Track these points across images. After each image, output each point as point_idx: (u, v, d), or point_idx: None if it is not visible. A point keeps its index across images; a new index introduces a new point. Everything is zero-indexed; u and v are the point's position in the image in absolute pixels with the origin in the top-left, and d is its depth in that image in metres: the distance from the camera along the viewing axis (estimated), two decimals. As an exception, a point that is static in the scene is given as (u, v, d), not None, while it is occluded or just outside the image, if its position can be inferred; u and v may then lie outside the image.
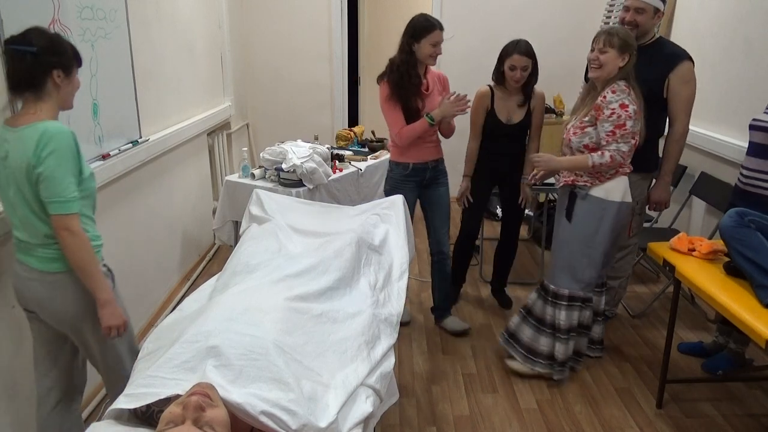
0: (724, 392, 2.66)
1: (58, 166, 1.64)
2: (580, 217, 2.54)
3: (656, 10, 2.70)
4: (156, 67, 3.21)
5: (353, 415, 1.49)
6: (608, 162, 2.40)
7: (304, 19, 5.17)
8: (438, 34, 2.76)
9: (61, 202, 1.66)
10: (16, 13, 1.96)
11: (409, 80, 2.78)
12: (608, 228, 2.50)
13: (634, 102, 2.39)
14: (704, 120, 3.46)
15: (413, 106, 2.82)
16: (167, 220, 3.41)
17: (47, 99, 1.71)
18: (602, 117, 2.40)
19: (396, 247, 2.33)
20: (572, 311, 2.61)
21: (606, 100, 2.39)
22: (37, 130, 1.64)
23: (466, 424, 2.46)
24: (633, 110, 2.37)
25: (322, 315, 1.73)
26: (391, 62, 2.86)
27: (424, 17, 2.80)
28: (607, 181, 2.48)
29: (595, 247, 2.53)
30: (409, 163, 2.94)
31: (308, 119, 5.39)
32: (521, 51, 2.86)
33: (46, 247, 1.74)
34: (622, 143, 2.39)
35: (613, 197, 2.47)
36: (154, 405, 1.32)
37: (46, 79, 1.69)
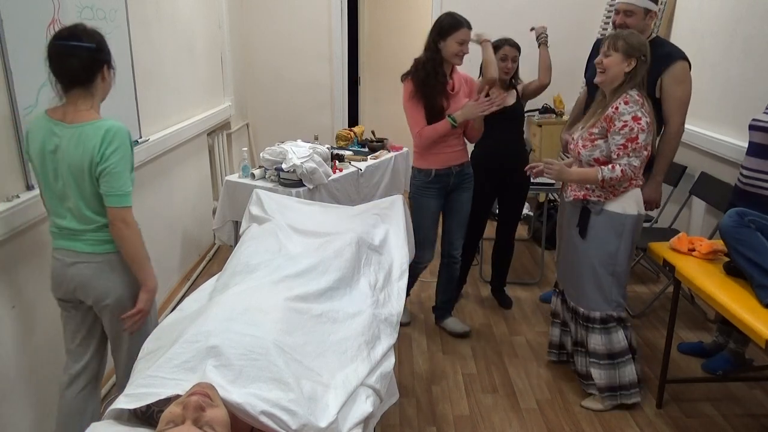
0: (724, 392, 2.66)
1: (120, 162, 1.77)
2: (598, 234, 2.40)
3: (647, 11, 2.71)
4: (156, 67, 3.21)
5: (353, 415, 1.49)
6: (619, 176, 2.29)
7: (304, 19, 5.17)
8: (465, 32, 2.69)
9: (120, 196, 1.79)
10: (16, 13, 1.96)
11: (435, 78, 2.72)
12: (629, 242, 2.40)
13: (648, 114, 2.29)
14: (704, 120, 3.46)
15: (437, 105, 2.75)
16: (167, 220, 3.41)
17: (96, 94, 1.81)
18: (613, 129, 2.29)
19: (396, 247, 2.33)
20: (610, 333, 2.45)
21: (618, 111, 2.28)
22: (100, 128, 1.75)
23: (466, 424, 2.46)
24: (646, 123, 2.26)
25: (322, 315, 1.73)
26: (417, 61, 2.80)
27: (450, 15, 2.74)
28: (621, 195, 2.36)
29: (619, 263, 2.41)
30: (432, 170, 2.86)
31: (308, 119, 5.39)
32: (511, 44, 3.10)
33: (95, 232, 1.85)
34: (634, 157, 2.27)
35: (630, 210, 2.37)
36: (154, 405, 1.32)
37: (96, 75, 1.79)
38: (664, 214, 3.67)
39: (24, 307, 2.08)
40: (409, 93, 2.77)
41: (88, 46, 1.75)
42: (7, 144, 1.97)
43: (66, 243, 1.87)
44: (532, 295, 3.62)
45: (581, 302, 2.50)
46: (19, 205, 1.97)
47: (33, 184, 2.07)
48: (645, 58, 2.30)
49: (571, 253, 2.53)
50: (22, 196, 2.01)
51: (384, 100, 6.58)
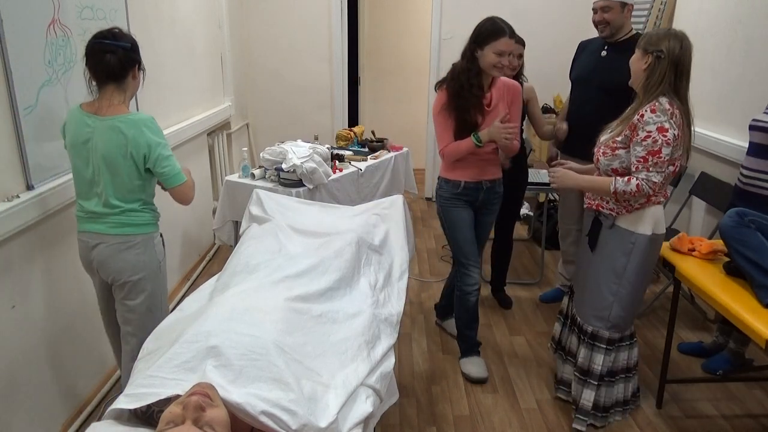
0: (724, 392, 2.66)
1: (165, 147, 2.00)
2: (605, 248, 2.27)
3: (623, 4, 2.81)
4: (156, 68, 3.21)
5: (353, 415, 1.49)
6: (633, 191, 2.08)
7: (304, 20, 5.17)
8: (505, 42, 2.38)
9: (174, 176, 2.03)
10: (16, 13, 1.96)
11: (469, 90, 2.45)
12: (637, 263, 2.20)
13: (677, 126, 2.06)
14: (704, 120, 3.46)
15: (471, 120, 2.49)
16: (167, 220, 3.40)
17: (126, 90, 2.01)
18: (636, 139, 2.07)
19: (396, 247, 2.33)
20: (593, 351, 2.33)
21: (643, 119, 2.05)
22: (134, 122, 1.95)
23: (466, 424, 2.46)
24: (673, 135, 2.03)
25: (322, 315, 1.73)
26: (453, 68, 2.54)
27: (491, 21, 2.44)
28: (635, 211, 2.17)
29: (623, 284, 2.23)
30: (461, 181, 2.62)
31: (308, 119, 5.39)
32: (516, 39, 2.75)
33: (117, 216, 2.03)
34: (654, 172, 2.05)
35: (643, 229, 2.17)
36: (154, 405, 1.32)
37: (128, 73, 1.98)
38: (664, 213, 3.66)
39: (24, 307, 2.08)
40: (441, 105, 2.52)
41: (124, 45, 1.95)
42: (8, 144, 1.97)
43: (90, 226, 2.05)
44: (532, 295, 3.62)
45: (579, 311, 2.42)
46: (19, 205, 1.97)
47: (33, 184, 2.08)
48: (662, 54, 2.03)
49: (582, 260, 2.46)
50: (22, 196, 2.01)
51: (384, 100, 6.59)
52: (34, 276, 2.14)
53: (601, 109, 2.55)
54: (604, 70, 2.89)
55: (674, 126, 2.05)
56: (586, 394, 2.35)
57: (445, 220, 2.72)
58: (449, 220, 2.69)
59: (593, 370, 2.32)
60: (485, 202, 2.70)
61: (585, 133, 2.76)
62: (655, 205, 2.19)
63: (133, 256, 2.06)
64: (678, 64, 2.05)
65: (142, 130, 1.95)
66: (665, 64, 2.04)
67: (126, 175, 1.99)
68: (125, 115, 1.96)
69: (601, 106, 2.67)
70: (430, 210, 5.35)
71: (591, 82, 2.97)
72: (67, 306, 2.34)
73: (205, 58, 4.09)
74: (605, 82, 2.86)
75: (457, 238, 2.69)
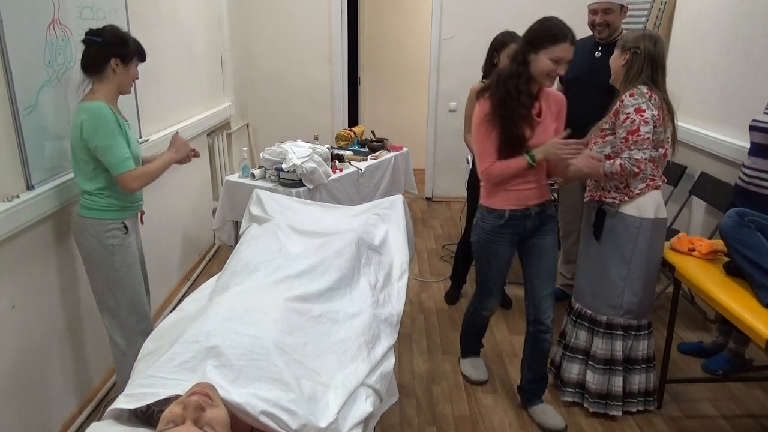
0: (724, 392, 2.66)
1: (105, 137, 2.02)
2: (611, 236, 2.34)
3: (621, 6, 2.89)
4: (156, 68, 3.21)
5: (353, 415, 1.49)
6: (618, 171, 2.23)
7: (304, 19, 5.17)
8: (565, 48, 2.06)
9: (118, 164, 2.06)
10: (16, 13, 1.96)
11: (517, 99, 2.12)
12: (645, 247, 2.30)
13: (658, 108, 2.21)
14: (704, 120, 3.46)
15: (518, 133, 2.15)
16: (167, 220, 3.41)
17: (106, 82, 2.09)
18: (618, 122, 2.25)
19: (396, 247, 2.33)
20: (613, 340, 2.40)
21: (623, 104, 2.23)
22: (84, 109, 2.02)
23: (466, 424, 2.46)
24: (651, 115, 2.18)
25: (322, 315, 1.73)
26: (499, 74, 2.22)
27: (553, 23, 2.10)
28: (637, 197, 2.28)
29: (632, 269, 2.33)
30: (505, 210, 2.28)
31: (308, 119, 5.39)
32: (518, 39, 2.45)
33: (82, 196, 2.14)
34: (636, 150, 2.20)
35: (646, 213, 2.28)
36: (154, 405, 1.32)
37: (106, 65, 2.07)
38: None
39: (24, 307, 2.08)
40: (483, 116, 2.17)
41: (95, 40, 2.04)
42: (8, 144, 1.97)
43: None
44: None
45: (590, 304, 2.46)
46: (19, 205, 1.97)
47: (33, 184, 2.08)
48: (639, 50, 2.23)
49: (586, 255, 2.49)
50: (22, 196, 2.01)
51: (384, 100, 6.59)
52: (34, 276, 2.14)
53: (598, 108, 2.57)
54: (599, 71, 2.93)
55: (652, 107, 2.20)
56: (614, 381, 2.42)
57: (479, 253, 2.43)
58: (486, 254, 2.40)
59: (615, 357, 2.40)
60: (537, 228, 2.34)
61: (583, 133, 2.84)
62: (653, 189, 2.31)
63: (88, 238, 2.14)
64: (654, 59, 2.23)
65: (85, 118, 2.01)
66: (642, 59, 2.23)
67: (81, 160, 2.08)
68: (82, 103, 2.05)
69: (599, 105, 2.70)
70: (430, 210, 5.35)
71: (587, 82, 3.01)
72: (67, 306, 2.34)
73: (205, 58, 4.09)
74: (602, 82, 2.89)
75: (487, 274, 2.46)
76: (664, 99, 2.25)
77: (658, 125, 2.21)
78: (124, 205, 2.20)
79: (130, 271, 2.23)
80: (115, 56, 2.07)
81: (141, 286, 2.30)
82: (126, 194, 2.18)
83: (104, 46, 2.05)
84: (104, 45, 2.05)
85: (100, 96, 2.07)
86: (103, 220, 2.14)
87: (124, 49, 2.09)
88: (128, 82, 2.16)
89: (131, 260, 2.23)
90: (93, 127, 2.01)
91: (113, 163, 2.05)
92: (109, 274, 2.18)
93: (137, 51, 2.16)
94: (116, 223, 2.17)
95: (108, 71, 2.08)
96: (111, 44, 2.06)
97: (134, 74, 2.18)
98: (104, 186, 2.12)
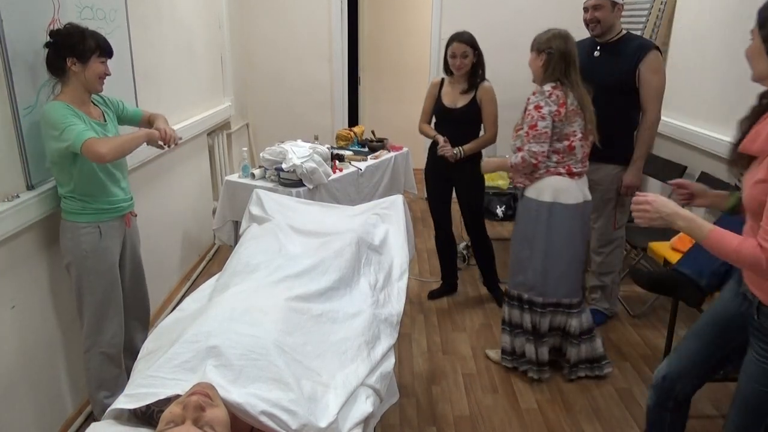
0: (724, 392, 2.66)
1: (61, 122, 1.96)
2: (519, 216, 2.66)
3: (614, 3, 2.87)
4: (156, 68, 3.21)
5: (353, 415, 1.49)
6: (519, 162, 2.49)
7: (304, 19, 5.17)
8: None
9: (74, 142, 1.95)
10: (16, 13, 1.96)
11: None
12: (544, 230, 2.51)
13: (558, 104, 2.42)
14: (704, 120, 3.46)
15: None
16: (167, 220, 3.41)
17: (68, 82, 2.04)
18: (524, 119, 2.50)
19: (396, 247, 2.33)
20: (512, 309, 2.69)
21: (528, 102, 2.49)
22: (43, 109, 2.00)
23: (466, 424, 2.46)
24: (549, 111, 2.41)
25: (322, 315, 1.73)
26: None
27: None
28: (536, 181, 2.52)
29: (534, 249, 2.54)
30: None
31: (308, 119, 5.39)
32: (461, 39, 3.00)
33: (61, 200, 2.12)
34: (534, 143, 2.44)
35: (544, 197, 2.50)
36: (154, 405, 1.32)
37: (64, 66, 2.01)
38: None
39: (24, 307, 2.08)
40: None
41: (48, 41, 2.01)
42: (8, 144, 1.97)
43: None
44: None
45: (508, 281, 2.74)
46: (19, 205, 1.97)
47: (33, 184, 2.08)
48: (552, 51, 2.44)
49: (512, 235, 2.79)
50: (22, 196, 2.01)
51: (384, 100, 6.58)
52: (34, 276, 2.14)
53: (599, 107, 2.62)
54: (599, 71, 2.95)
55: (551, 104, 2.42)
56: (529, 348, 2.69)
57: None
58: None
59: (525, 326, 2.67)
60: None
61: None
62: (553, 175, 2.51)
63: (65, 240, 2.14)
64: (566, 56, 2.46)
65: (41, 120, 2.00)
66: (557, 58, 2.45)
67: (50, 162, 2.06)
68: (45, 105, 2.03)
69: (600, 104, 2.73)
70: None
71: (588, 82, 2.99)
72: (67, 306, 2.34)
73: (205, 58, 4.09)
74: (602, 81, 2.91)
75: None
76: (578, 94, 2.47)
77: (557, 120, 2.43)
78: (100, 208, 2.15)
79: (101, 278, 2.17)
80: (70, 56, 1.99)
81: (112, 299, 2.22)
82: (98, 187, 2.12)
83: (57, 47, 2.00)
84: (57, 46, 2.00)
85: (64, 97, 2.04)
86: (78, 223, 2.11)
87: (79, 47, 2.00)
88: (93, 80, 2.07)
89: (104, 267, 2.18)
90: (48, 123, 1.97)
91: (72, 139, 1.94)
92: (81, 277, 2.15)
93: (98, 47, 2.06)
94: (90, 227, 2.13)
95: (69, 72, 2.02)
96: (64, 44, 2.00)
97: (99, 71, 2.07)
98: (73, 188, 2.08)
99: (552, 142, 2.46)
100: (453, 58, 3.04)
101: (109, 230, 2.20)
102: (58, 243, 2.25)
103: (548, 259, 2.54)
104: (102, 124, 2.15)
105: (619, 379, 2.75)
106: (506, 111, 3.24)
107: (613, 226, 3.03)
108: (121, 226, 2.28)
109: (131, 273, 2.41)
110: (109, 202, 2.19)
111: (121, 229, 2.28)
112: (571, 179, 2.51)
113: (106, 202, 2.17)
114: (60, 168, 2.06)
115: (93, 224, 2.14)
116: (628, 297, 3.51)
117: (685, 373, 1.81)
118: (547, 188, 2.50)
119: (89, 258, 2.14)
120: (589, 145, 2.56)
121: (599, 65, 2.94)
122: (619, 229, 3.08)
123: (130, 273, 2.40)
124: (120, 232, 2.28)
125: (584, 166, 2.56)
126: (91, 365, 2.22)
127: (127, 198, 2.29)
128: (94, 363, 2.22)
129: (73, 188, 2.08)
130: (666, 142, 3.85)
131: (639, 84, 2.84)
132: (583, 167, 2.55)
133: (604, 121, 2.64)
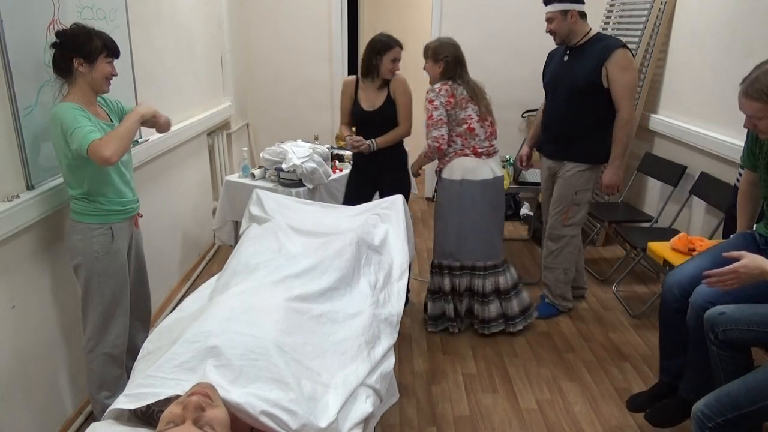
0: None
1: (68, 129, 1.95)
2: (437, 196, 3.05)
3: (563, 12, 2.91)
4: (156, 68, 3.21)
5: (353, 415, 1.49)
6: (427, 150, 2.92)
7: (304, 19, 5.17)
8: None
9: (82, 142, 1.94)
10: (16, 13, 1.96)
11: None
12: (457, 204, 2.92)
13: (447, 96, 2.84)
14: (704, 120, 3.46)
15: None
16: (167, 220, 3.41)
17: (75, 83, 2.04)
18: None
19: (396, 247, 2.33)
20: (434, 277, 3.07)
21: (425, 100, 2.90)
22: (50, 114, 1.99)
23: (466, 424, 2.46)
24: (440, 102, 2.84)
25: (322, 315, 1.73)
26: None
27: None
28: (448, 163, 2.94)
29: (449, 222, 2.95)
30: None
31: (308, 119, 5.39)
32: (401, 45, 3.06)
33: (71, 201, 2.12)
34: (433, 130, 2.86)
35: (454, 176, 2.90)
36: (154, 405, 1.32)
37: (70, 66, 2.01)
38: (664, 214, 3.67)
39: (24, 307, 2.08)
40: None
41: (55, 42, 2.00)
42: (8, 144, 1.97)
43: None
44: (532, 295, 3.61)
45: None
46: (19, 205, 1.97)
47: (33, 184, 2.08)
48: (448, 58, 2.87)
49: None
50: (22, 196, 2.02)
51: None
52: (34, 276, 2.14)
53: (570, 109, 2.86)
54: (567, 74, 3.03)
55: (440, 96, 2.85)
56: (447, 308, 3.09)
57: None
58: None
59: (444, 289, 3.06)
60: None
61: (558, 134, 3.10)
62: (461, 156, 2.91)
63: (75, 241, 2.12)
64: (458, 60, 2.89)
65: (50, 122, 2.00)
66: (453, 63, 2.88)
67: (62, 164, 2.06)
68: (53, 106, 2.02)
69: (570, 106, 2.96)
70: (430, 210, 5.34)
71: (559, 85, 3.10)
72: (67, 306, 2.34)
73: (205, 58, 4.09)
74: (570, 83, 3.02)
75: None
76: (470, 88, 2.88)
77: (450, 108, 2.84)
78: (112, 209, 2.15)
79: (112, 279, 2.17)
80: (77, 56, 1.98)
81: (120, 300, 2.23)
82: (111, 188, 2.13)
83: (64, 47, 1.98)
84: (64, 46, 1.98)
85: (73, 98, 2.03)
86: (90, 224, 2.11)
87: (86, 47, 1.99)
88: (100, 81, 2.06)
89: (115, 268, 2.18)
90: (58, 125, 1.95)
91: (79, 141, 1.93)
92: (90, 278, 2.13)
93: (105, 47, 2.04)
94: (103, 228, 2.13)
95: (75, 73, 2.01)
96: (70, 45, 1.98)
97: (106, 71, 2.07)
98: (87, 190, 2.08)
99: (453, 128, 2.88)
100: (393, 62, 3.00)
101: (120, 231, 2.20)
102: (58, 243, 2.26)
103: (463, 230, 2.94)
104: (109, 124, 2.15)
105: (619, 379, 2.75)
106: (506, 111, 3.25)
107: (564, 220, 3.12)
108: (130, 227, 2.28)
109: (135, 274, 2.41)
110: (121, 204, 2.19)
111: (129, 230, 2.29)
112: (478, 158, 2.90)
113: (118, 203, 2.18)
114: (73, 170, 2.05)
115: (105, 225, 2.13)
116: (628, 297, 3.51)
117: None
118: (457, 168, 2.90)
119: (101, 259, 2.13)
120: (491, 125, 2.94)
121: (569, 69, 3.03)
122: (570, 227, 3.14)
123: (135, 274, 2.40)
124: (129, 233, 2.28)
125: (491, 146, 2.94)
126: (93, 365, 2.22)
127: (135, 199, 2.29)
128: (97, 363, 2.21)
129: (87, 190, 2.08)
130: (666, 142, 3.85)
131: (609, 83, 2.87)
132: (489, 147, 2.94)
133: (572, 122, 2.90)
